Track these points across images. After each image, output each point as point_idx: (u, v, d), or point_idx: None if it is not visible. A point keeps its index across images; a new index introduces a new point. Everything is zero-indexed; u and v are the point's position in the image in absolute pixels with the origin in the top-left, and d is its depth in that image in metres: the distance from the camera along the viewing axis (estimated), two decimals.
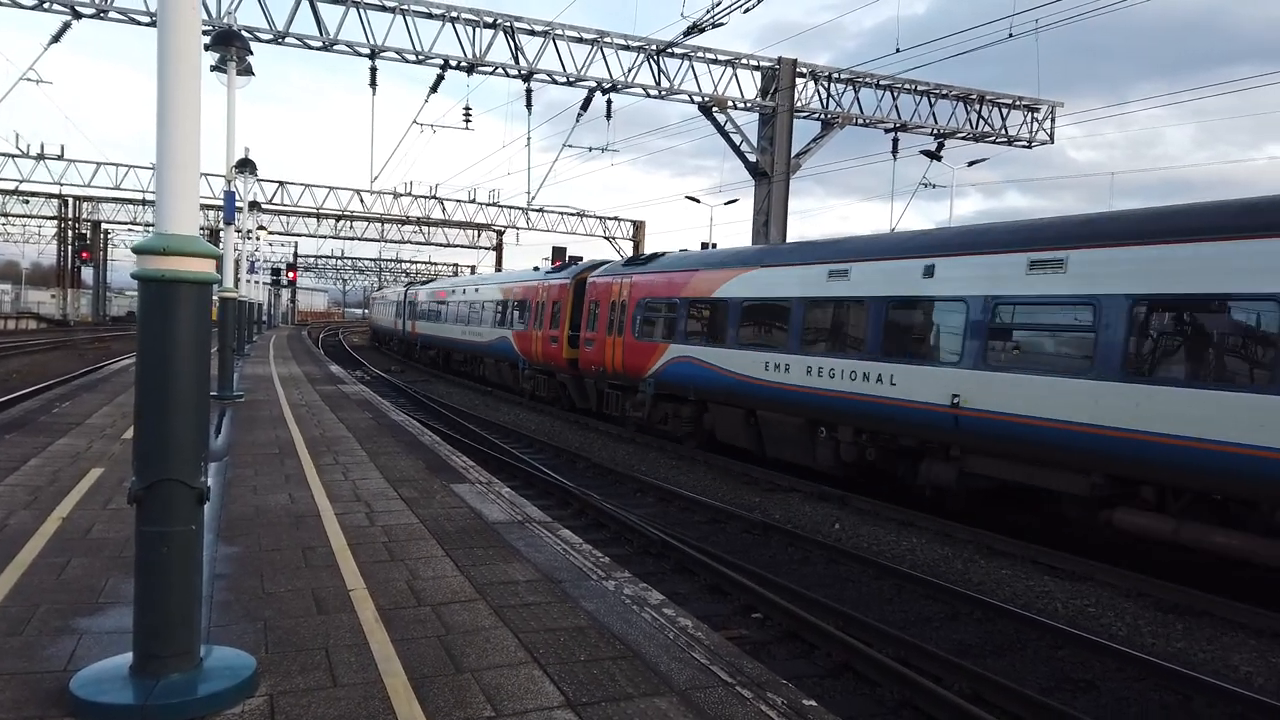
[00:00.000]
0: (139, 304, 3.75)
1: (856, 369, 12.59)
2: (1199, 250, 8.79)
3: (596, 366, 20.15)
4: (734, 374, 15.25)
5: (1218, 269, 8.58)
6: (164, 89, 3.64)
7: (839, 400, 12.89)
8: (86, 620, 4.53)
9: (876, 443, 12.58)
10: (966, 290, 11.10)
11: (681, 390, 16.94)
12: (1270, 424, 7.91)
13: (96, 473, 8.24)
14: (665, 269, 18.34)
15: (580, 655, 4.29)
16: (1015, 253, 10.62)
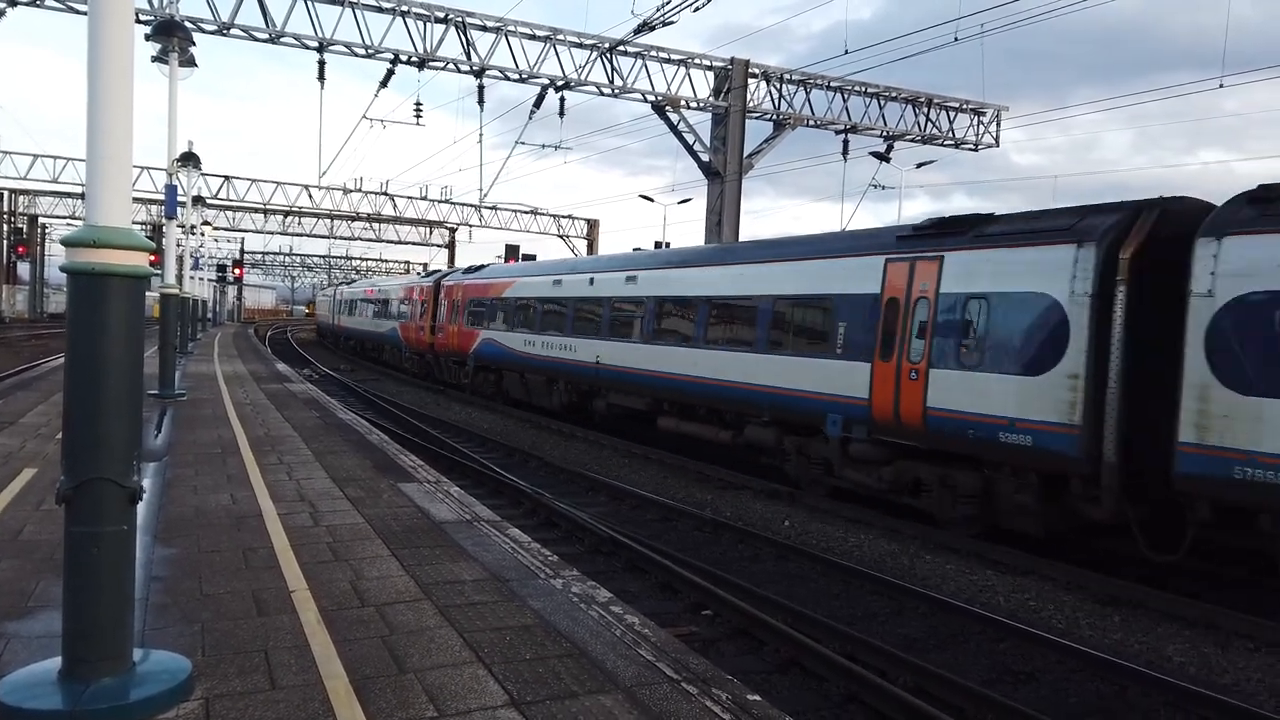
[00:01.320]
0: (68, 298, 3.64)
1: (564, 343, 19.92)
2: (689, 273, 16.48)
3: (444, 348, 27.67)
4: (511, 349, 22.64)
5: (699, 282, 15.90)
6: (94, 78, 3.53)
7: (558, 364, 20.22)
8: (15, 624, 4.39)
9: (574, 389, 20.04)
10: (601, 293, 18.75)
11: (488, 362, 24.26)
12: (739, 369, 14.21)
13: (29, 473, 7.99)
14: (482, 277, 25.78)
15: (526, 654, 4.27)
16: (618, 271, 18.51)
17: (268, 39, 22.10)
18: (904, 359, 11.12)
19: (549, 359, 20.56)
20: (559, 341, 20.06)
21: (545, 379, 21.06)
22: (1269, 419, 7.73)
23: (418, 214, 55.96)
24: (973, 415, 10.19)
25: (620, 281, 18.16)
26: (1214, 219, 8.50)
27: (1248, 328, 8.02)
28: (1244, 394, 7.89)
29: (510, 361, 22.71)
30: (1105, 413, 8.98)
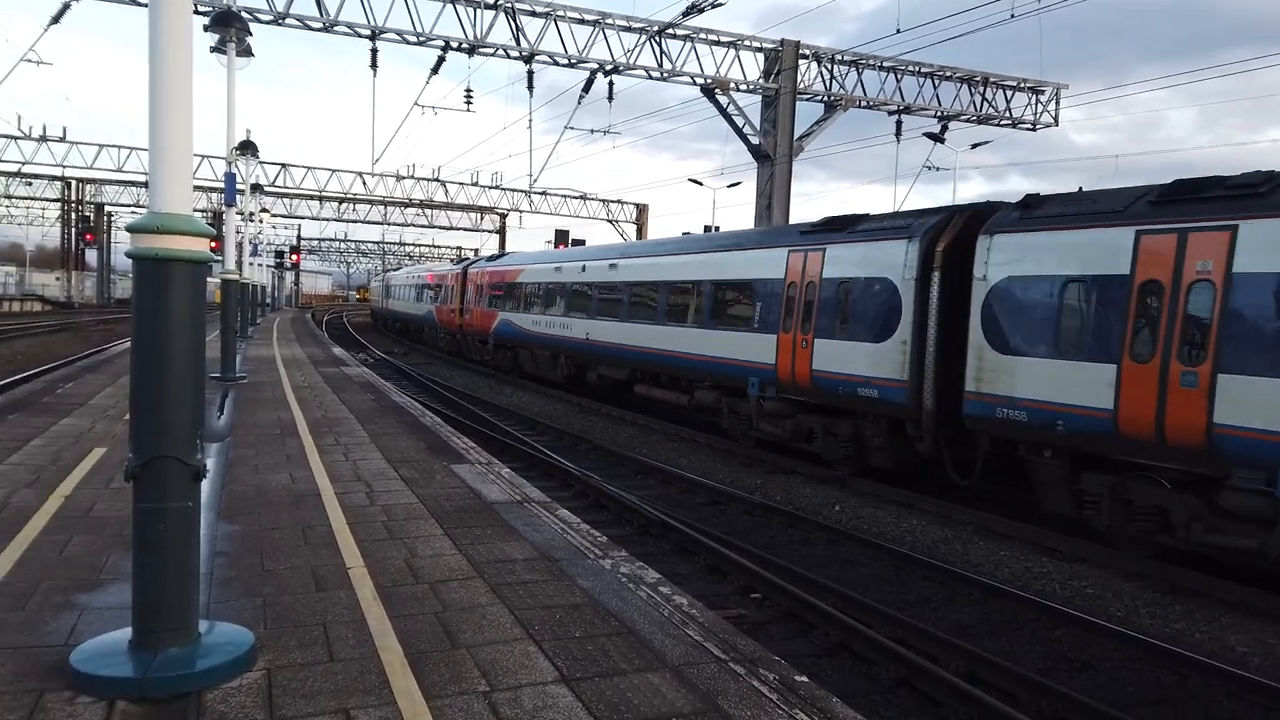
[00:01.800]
0: (134, 283, 3.76)
1: (562, 322, 22.42)
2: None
3: (470, 328, 30.61)
4: (523, 328, 25.20)
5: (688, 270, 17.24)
6: (155, 68, 3.64)
7: (559, 340, 22.67)
8: (87, 596, 4.57)
9: (573, 363, 22.42)
10: (590, 279, 21.17)
11: (505, 340, 26.84)
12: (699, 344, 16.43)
13: (99, 452, 8.29)
14: (500, 265, 28.73)
15: (575, 632, 4.33)
16: (603, 260, 20.87)
17: (321, 28, 22.43)
18: (798, 331, 13.83)
19: (551, 336, 23.25)
20: (559, 321, 22.79)
21: (550, 354, 23.78)
22: (1019, 372, 10.19)
23: (469, 200, 56.46)
24: (843, 375, 12.85)
25: (605, 269, 20.63)
26: (991, 220, 10.90)
27: (1006, 303, 10.45)
28: (1002, 353, 10.40)
29: (522, 339, 25.53)
30: (924, 370, 11.60)
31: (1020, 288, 10.33)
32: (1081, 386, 9.47)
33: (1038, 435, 10.01)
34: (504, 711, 3.49)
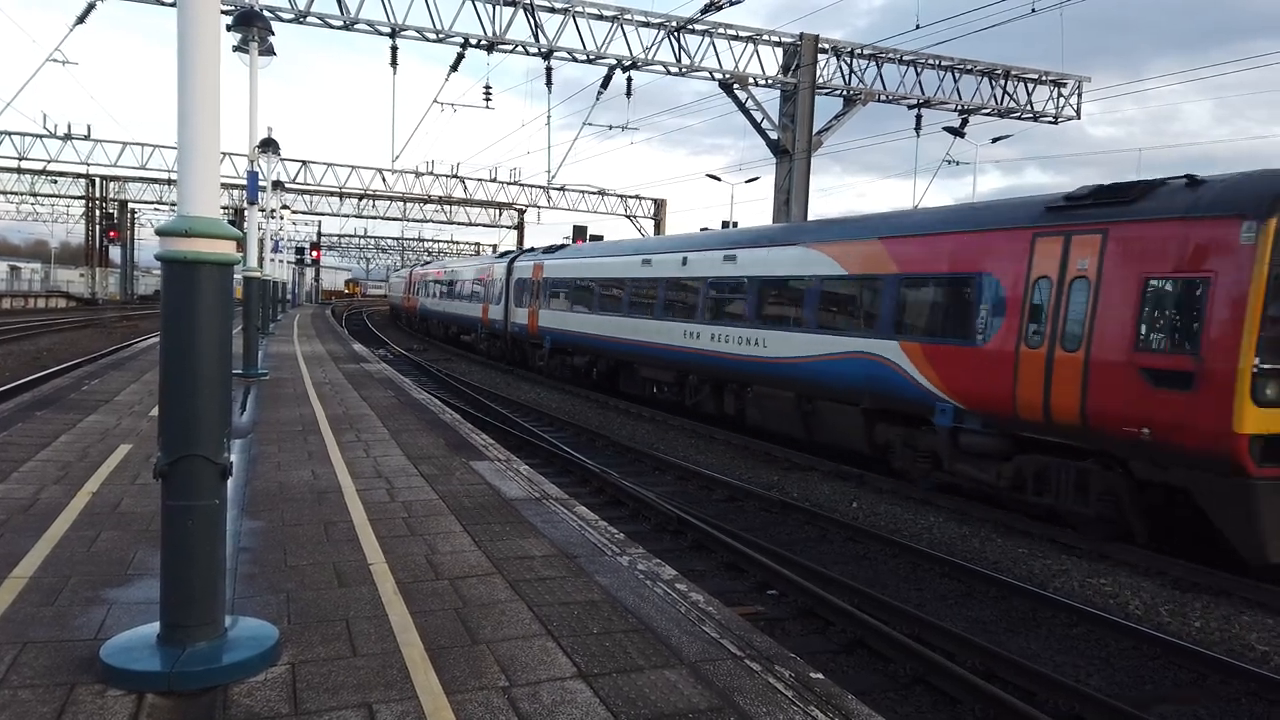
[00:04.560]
0: (162, 285, 3.84)
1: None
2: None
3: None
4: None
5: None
6: (184, 73, 3.71)
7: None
8: (116, 591, 4.67)
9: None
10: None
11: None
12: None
13: (125, 449, 8.42)
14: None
15: (593, 628, 4.38)
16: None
17: (342, 26, 22.57)
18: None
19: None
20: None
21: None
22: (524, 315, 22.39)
23: (487, 196, 56.66)
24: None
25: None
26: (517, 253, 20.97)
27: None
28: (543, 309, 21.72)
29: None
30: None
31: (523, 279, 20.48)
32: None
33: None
34: (523, 707, 3.55)
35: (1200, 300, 8.75)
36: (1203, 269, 8.79)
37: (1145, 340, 9.20)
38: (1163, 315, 9.29)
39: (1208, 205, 8.99)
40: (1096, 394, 9.45)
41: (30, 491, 6.61)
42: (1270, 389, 8.33)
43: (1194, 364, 8.66)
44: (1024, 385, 10.24)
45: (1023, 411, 10.25)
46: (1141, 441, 9.02)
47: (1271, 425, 8.30)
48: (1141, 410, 9.03)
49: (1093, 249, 9.82)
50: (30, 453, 7.99)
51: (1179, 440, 8.71)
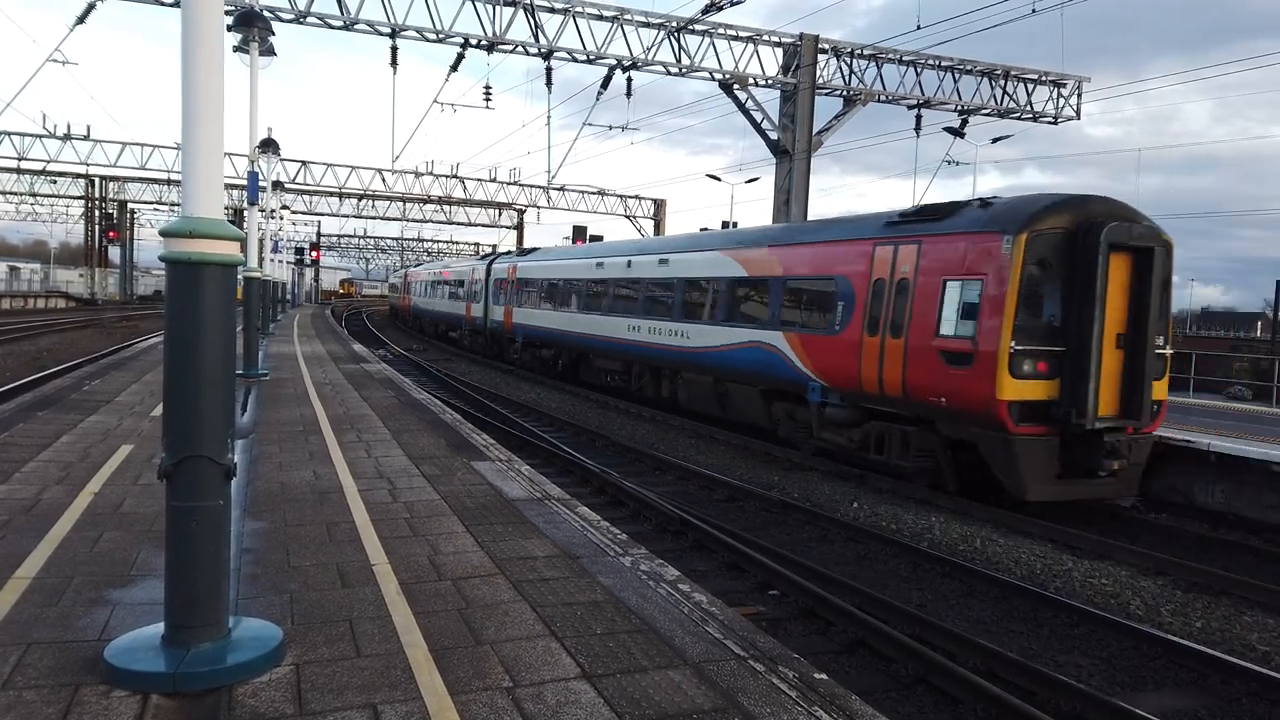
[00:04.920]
0: (166, 286, 3.84)
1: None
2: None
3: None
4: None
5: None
6: (188, 75, 3.71)
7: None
8: (119, 592, 4.67)
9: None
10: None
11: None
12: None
13: (127, 449, 8.42)
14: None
15: (596, 629, 4.39)
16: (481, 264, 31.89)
17: (342, 26, 22.57)
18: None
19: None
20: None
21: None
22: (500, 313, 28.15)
23: (487, 196, 56.65)
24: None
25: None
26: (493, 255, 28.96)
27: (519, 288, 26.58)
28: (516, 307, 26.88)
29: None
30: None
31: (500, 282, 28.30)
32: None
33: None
34: (528, 707, 3.55)
35: (975, 296, 11.16)
36: (979, 273, 11.14)
37: (943, 327, 11.56)
38: (953, 309, 11.50)
39: (985, 223, 11.36)
40: (913, 371, 11.88)
41: (32, 492, 6.61)
42: (1025, 365, 10.78)
43: (971, 347, 11.08)
44: (865, 366, 12.74)
45: (865, 387, 12.79)
46: (943, 408, 11.50)
47: (1025, 393, 10.79)
48: (941, 383, 11.45)
49: (912, 257, 12.21)
50: (32, 453, 7.99)
51: (964, 406, 11.17)
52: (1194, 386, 26.23)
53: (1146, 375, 10.99)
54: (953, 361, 11.30)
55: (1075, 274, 10.86)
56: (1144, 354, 10.97)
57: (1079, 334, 10.77)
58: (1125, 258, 11.01)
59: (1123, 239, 10.85)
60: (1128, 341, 11.05)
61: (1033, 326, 10.86)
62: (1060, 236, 10.95)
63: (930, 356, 11.60)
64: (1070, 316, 10.91)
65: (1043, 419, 10.85)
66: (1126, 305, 11.06)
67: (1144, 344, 10.98)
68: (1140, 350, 10.99)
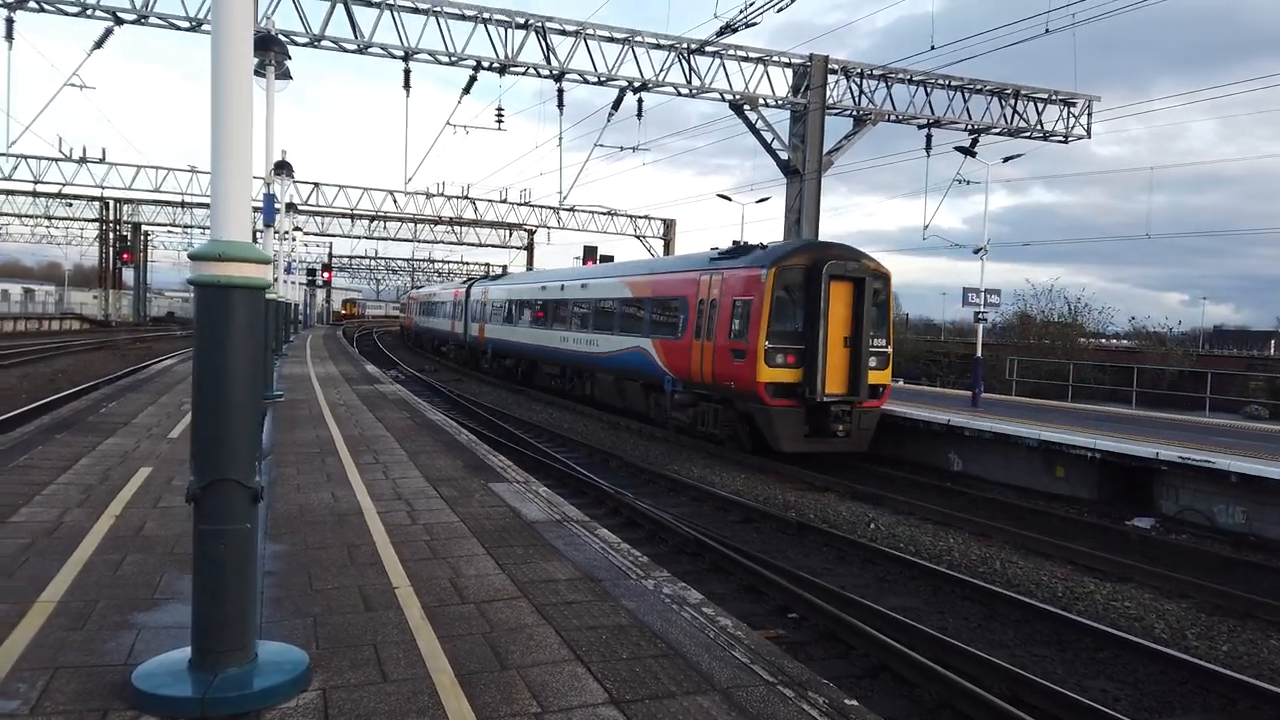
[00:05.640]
0: (195, 309, 3.86)
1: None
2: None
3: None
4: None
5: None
6: (217, 103, 3.75)
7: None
8: (144, 615, 4.66)
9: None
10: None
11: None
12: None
13: (145, 471, 8.43)
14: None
15: (622, 653, 4.35)
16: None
17: (356, 49, 22.76)
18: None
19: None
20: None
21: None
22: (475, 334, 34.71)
23: (498, 217, 56.90)
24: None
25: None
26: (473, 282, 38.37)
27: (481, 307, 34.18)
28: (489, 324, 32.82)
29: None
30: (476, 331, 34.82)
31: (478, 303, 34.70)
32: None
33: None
34: None
35: (747, 311, 16.11)
36: (749, 295, 16.12)
37: (731, 333, 16.54)
38: (737, 319, 16.44)
39: (754, 261, 16.56)
40: (718, 364, 16.78)
41: (54, 515, 6.62)
42: (777, 358, 15.64)
43: (745, 345, 15.97)
44: (694, 362, 17.65)
45: (695, 377, 17.72)
46: (733, 390, 16.42)
47: (778, 377, 15.66)
48: (731, 372, 16.35)
49: (719, 283, 17.18)
50: (52, 475, 8.01)
51: (742, 387, 16.08)
52: (1210, 405, 26.07)
53: (863, 366, 15.67)
54: (736, 356, 16.17)
55: (809, 296, 15.69)
56: (861, 351, 15.68)
57: (812, 337, 15.55)
58: (846, 285, 15.79)
59: (840, 272, 15.68)
60: (850, 342, 15.73)
61: (782, 331, 15.75)
62: (799, 271, 15.87)
63: (725, 353, 16.57)
64: (807, 325, 15.71)
65: (790, 395, 15.65)
66: (848, 317, 15.79)
67: (860, 344, 15.69)
68: (858, 349, 15.70)
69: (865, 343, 15.71)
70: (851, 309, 15.82)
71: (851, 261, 16.02)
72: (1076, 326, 39.96)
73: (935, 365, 40.42)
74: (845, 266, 15.85)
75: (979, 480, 15.40)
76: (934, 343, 51.48)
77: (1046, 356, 33.50)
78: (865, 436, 16.15)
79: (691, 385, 17.79)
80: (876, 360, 16.06)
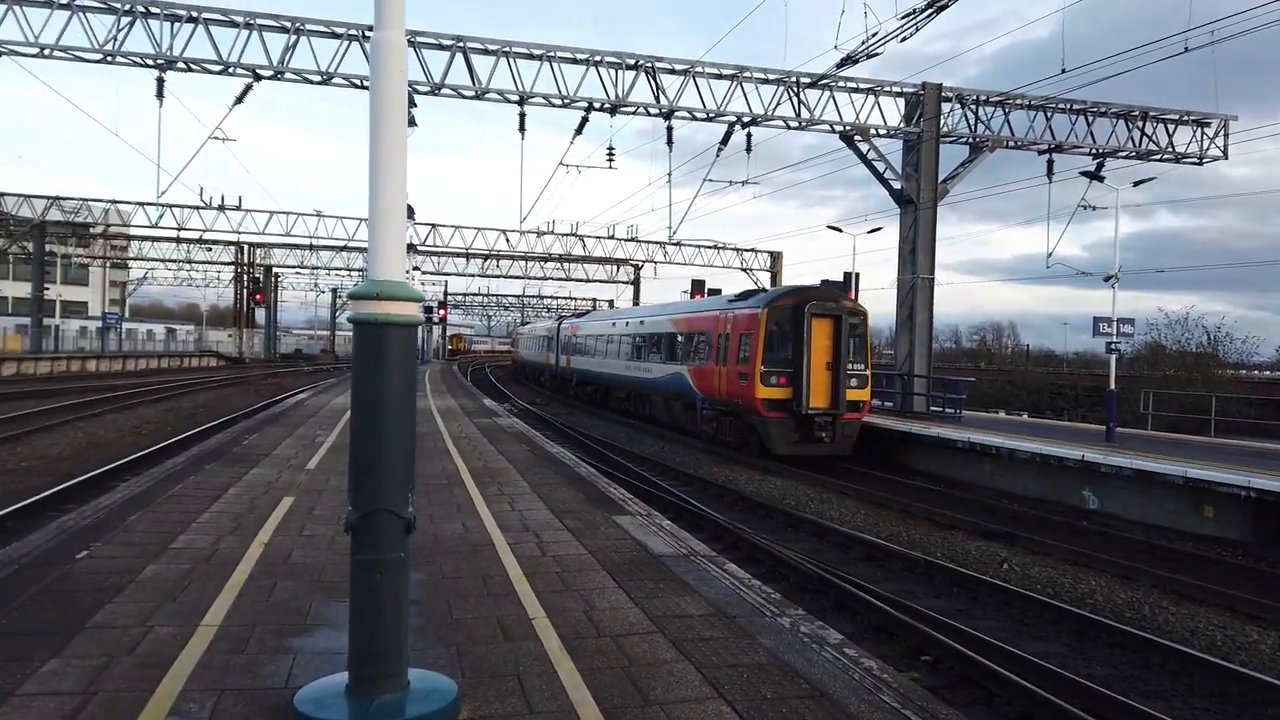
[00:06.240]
0: (354, 346, 4.03)
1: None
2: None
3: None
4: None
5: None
6: (375, 151, 3.94)
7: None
8: (299, 640, 4.85)
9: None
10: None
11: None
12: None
13: (288, 501, 8.83)
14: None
15: (766, 692, 4.27)
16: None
17: (474, 96, 23.64)
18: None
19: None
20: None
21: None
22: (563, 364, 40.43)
23: (605, 253, 57.78)
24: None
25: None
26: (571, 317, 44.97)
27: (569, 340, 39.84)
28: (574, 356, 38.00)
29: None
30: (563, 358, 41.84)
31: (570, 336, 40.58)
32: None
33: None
34: None
35: (750, 342, 20.10)
36: (751, 330, 20.12)
37: (739, 359, 20.57)
38: (743, 349, 20.46)
39: (754, 302, 20.67)
40: (730, 385, 20.94)
41: (209, 541, 6.99)
42: (771, 379, 19.52)
43: (747, 369, 19.95)
44: (715, 383, 21.90)
45: (716, 395, 21.91)
46: (740, 405, 20.48)
47: (772, 394, 19.52)
48: (739, 391, 20.37)
49: (732, 320, 21.41)
50: (205, 504, 8.47)
51: (744, 403, 20.16)
52: None
53: (841, 385, 19.57)
54: (741, 378, 20.32)
55: (797, 330, 19.69)
56: (839, 374, 19.59)
57: (798, 362, 19.57)
58: (827, 321, 19.73)
59: (820, 310, 19.73)
60: (831, 367, 19.64)
61: (775, 358, 19.78)
62: (787, 310, 19.92)
63: (734, 376, 20.69)
64: (795, 353, 19.68)
65: (782, 409, 19.63)
66: (829, 347, 19.67)
67: (840, 368, 19.60)
68: (838, 372, 19.62)
69: (844, 367, 19.58)
70: (832, 340, 19.66)
71: (830, 302, 20.08)
72: (1214, 356, 37.63)
73: (1060, 398, 38.67)
74: (824, 306, 19.85)
75: (1116, 519, 14.60)
76: (1057, 374, 49.37)
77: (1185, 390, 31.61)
78: (848, 443, 20.00)
79: (714, 402, 22.14)
80: (856, 380, 19.88)
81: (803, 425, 19.50)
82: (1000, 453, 17.32)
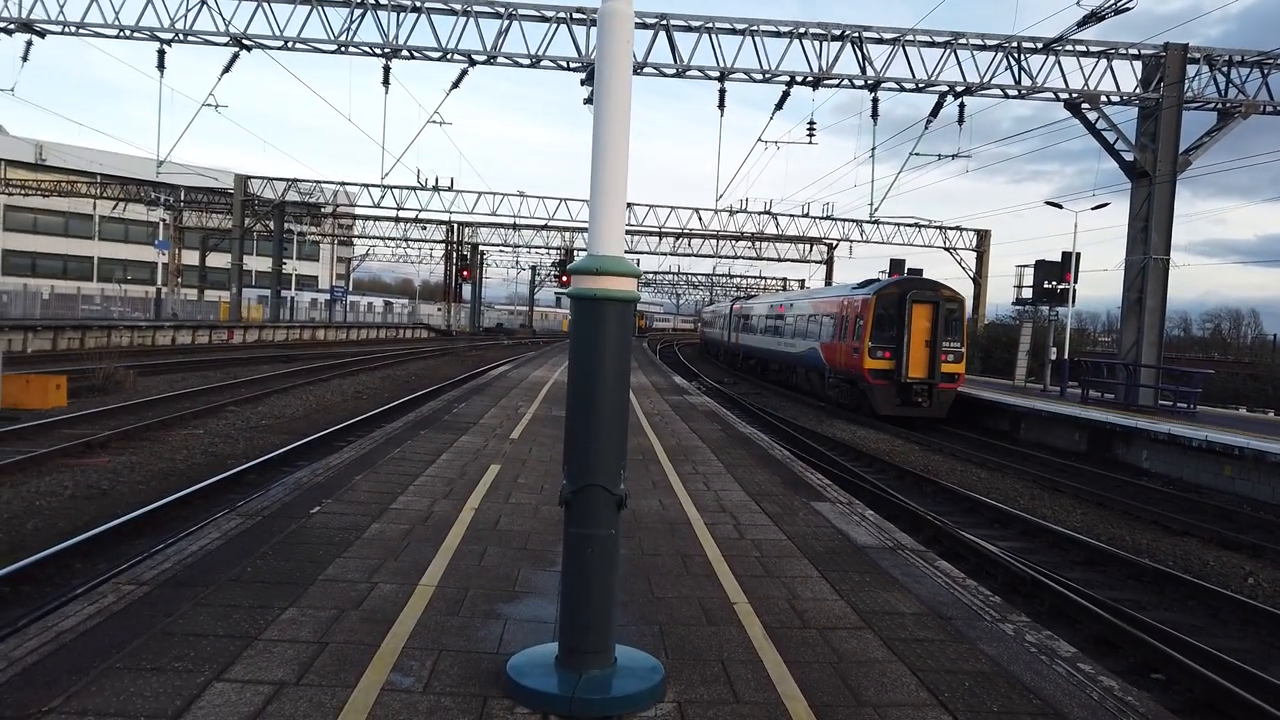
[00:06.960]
0: (571, 321, 4.04)
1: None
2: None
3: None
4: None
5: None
6: (599, 131, 3.90)
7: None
8: (508, 606, 4.99)
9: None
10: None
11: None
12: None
13: (495, 469, 9.20)
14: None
15: (992, 705, 3.95)
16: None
17: (675, 74, 23.71)
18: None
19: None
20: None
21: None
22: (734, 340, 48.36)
23: (799, 231, 56.73)
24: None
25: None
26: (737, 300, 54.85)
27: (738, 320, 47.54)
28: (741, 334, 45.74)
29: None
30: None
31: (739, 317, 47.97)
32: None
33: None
34: None
35: (861, 323, 24.91)
36: (863, 314, 24.87)
37: (854, 337, 25.25)
38: (857, 328, 25.09)
39: (868, 291, 25.38)
40: (847, 358, 25.85)
41: (425, 504, 7.37)
42: (878, 353, 24.31)
43: (859, 345, 24.85)
44: (837, 356, 26.77)
45: (838, 366, 26.84)
46: (854, 374, 25.39)
47: (878, 365, 24.41)
48: (854, 362, 25.27)
49: (853, 305, 25.70)
50: (420, 468, 8.97)
51: (858, 373, 25.02)
52: None
53: (937, 360, 23.77)
54: (854, 352, 24.88)
55: (899, 313, 24.10)
56: (936, 349, 23.78)
57: (900, 339, 23.95)
58: (926, 306, 24.03)
59: (920, 298, 24.12)
60: (929, 345, 23.86)
61: (881, 335, 24.21)
62: (893, 297, 24.38)
63: (849, 350, 25.39)
64: (899, 332, 24.01)
65: (885, 378, 24.11)
66: (929, 328, 23.90)
67: (937, 344, 23.82)
68: (936, 348, 23.80)
69: (939, 344, 23.81)
70: (931, 322, 23.93)
71: (930, 291, 24.57)
72: None
73: None
74: (924, 294, 24.32)
75: None
76: None
77: None
78: (942, 407, 24.24)
79: (836, 372, 27.04)
80: (952, 356, 24.12)
81: (903, 391, 23.92)
82: (1244, 454, 15.54)
